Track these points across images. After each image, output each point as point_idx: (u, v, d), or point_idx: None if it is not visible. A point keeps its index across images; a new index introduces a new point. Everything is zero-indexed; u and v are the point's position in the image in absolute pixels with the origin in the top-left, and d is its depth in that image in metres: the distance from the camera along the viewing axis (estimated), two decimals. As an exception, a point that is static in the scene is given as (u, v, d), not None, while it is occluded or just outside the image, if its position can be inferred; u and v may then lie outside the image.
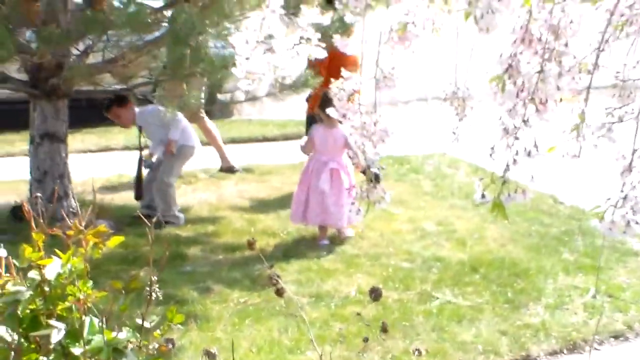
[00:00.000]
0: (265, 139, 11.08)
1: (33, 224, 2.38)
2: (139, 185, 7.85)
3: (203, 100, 8.75)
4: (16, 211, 7.66)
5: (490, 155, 1.82)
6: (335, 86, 2.74)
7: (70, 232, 2.35)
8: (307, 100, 8.69)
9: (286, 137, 11.28)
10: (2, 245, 2.45)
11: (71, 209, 7.49)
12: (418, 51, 2.66)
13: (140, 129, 7.83)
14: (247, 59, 2.49)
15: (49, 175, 7.59)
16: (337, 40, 2.85)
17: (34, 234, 2.34)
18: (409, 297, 6.22)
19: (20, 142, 10.49)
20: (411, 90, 11.69)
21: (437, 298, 6.22)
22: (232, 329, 5.62)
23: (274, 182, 9.23)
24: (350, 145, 6.98)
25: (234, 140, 10.96)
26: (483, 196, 1.82)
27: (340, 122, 2.65)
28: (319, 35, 2.45)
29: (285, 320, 5.73)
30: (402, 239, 7.51)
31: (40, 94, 7.50)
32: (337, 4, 2.83)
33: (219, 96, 10.02)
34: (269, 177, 9.43)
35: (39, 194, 5.94)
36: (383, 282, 6.34)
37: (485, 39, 2.21)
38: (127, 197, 8.62)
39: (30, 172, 7.71)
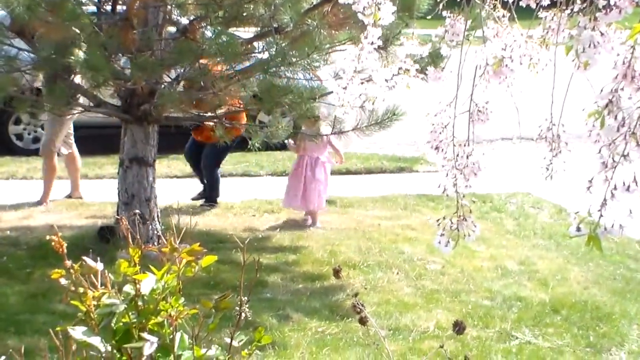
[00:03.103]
0: (348, 172, 11.09)
1: (130, 240, 2.45)
2: None
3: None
4: (103, 232, 7.83)
5: (588, 188, 1.82)
6: (429, 120, 2.77)
7: (166, 250, 2.42)
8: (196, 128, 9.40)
9: (369, 171, 11.29)
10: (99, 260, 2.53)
11: (156, 232, 7.62)
12: (513, 87, 2.67)
13: None
14: (344, 88, 2.52)
15: (136, 198, 7.75)
16: (431, 72, 2.88)
17: (130, 250, 2.41)
18: (488, 335, 6.16)
19: (109, 165, 10.72)
20: (496, 129, 11.62)
21: (517, 338, 6.16)
22: (309, 357, 5.65)
23: (356, 215, 9.25)
24: (332, 144, 8.88)
25: (317, 172, 11.04)
26: (579, 229, 1.82)
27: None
28: (417, 66, 2.48)
29: (362, 351, 5.73)
30: (482, 276, 7.45)
31: (131, 119, 7.68)
32: (433, 37, 2.86)
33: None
34: (350, 210, 9.45)
35: (137, 211, 6.05)
36: (462, 318, 6.27)
37: (579, 76, 2.21)
38: (210, 223, 8.74)
39: (118, 195, 7.88)
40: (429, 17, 2.82)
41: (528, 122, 2.86)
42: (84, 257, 2.41)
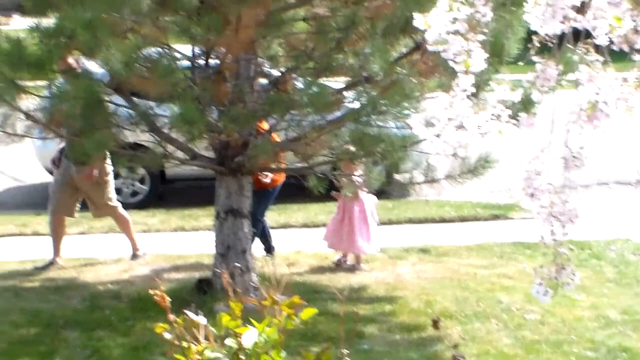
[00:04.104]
0: (442, 220, 11.02)
1: (230, 293, 2.48)
2: None
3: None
4: (201, 285, 7.92)
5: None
6: (524, 167, 2.75)
7: (266, 302, 2.44)
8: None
9: (463, 219, 11.16)
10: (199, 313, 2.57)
11: (252, 283, 7.68)
12: (608, 131, 2.64)
13: None
14: (437, 136, 2.53)
15: (232, 250, 7.83)
16: (523, 118, 2.86)
17: (231, 303, 2.44)
18: (592, 387, 6.00)
19: (204, 217, 10.86)
20: (591, 173, 11.43)
21: (623, 389, 5.97)
22: (408, 409, 5.59)
23: (451, 264, 9.15)
24: None
25: (410, 221, 10.95)
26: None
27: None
28: (509, 112, 2.48)
29: (462, 403, 5.64)
30: (584, 326, 7.25)
31: (226, 170, 7.79)
32: (524, 82, 2.85)
33: (397, 176, 10.08)
34: (445, 259, 9.35)
35: (237, 264, 6.12)
36: (564, 369, 6.15)
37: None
38: (305, 274, 8.77)
39: (215, 247, 7.97)
40: (520, 62, 2.81)
41: (623, 166, 2.82)
42: (186, 311, 2.45)
